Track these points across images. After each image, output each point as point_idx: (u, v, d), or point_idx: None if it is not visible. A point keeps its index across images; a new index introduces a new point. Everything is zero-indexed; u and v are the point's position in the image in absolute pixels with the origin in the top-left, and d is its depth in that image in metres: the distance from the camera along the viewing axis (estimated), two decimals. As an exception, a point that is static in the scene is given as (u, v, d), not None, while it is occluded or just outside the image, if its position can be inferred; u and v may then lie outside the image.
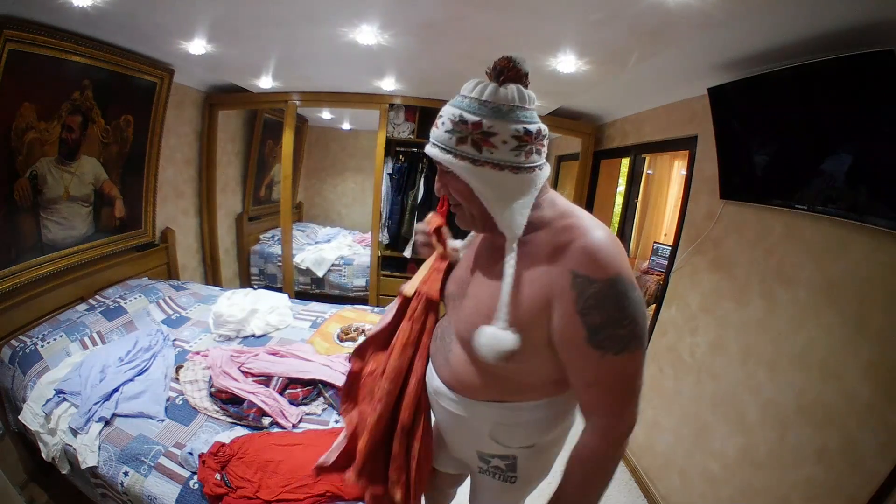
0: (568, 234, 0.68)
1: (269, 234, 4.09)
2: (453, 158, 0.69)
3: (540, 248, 0.70)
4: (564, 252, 0.66)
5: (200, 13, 1.61)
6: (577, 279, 0.64)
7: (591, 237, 0.65)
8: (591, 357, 0.65)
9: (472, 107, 0.69)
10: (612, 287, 0.63)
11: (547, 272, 0.67)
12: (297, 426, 1.52)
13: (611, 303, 0.63)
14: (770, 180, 1.47)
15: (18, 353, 1.66)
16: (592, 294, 0.63)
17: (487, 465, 0.90)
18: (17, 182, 1.72)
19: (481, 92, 0.70)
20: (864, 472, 1.10)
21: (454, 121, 0.69)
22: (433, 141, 0.73)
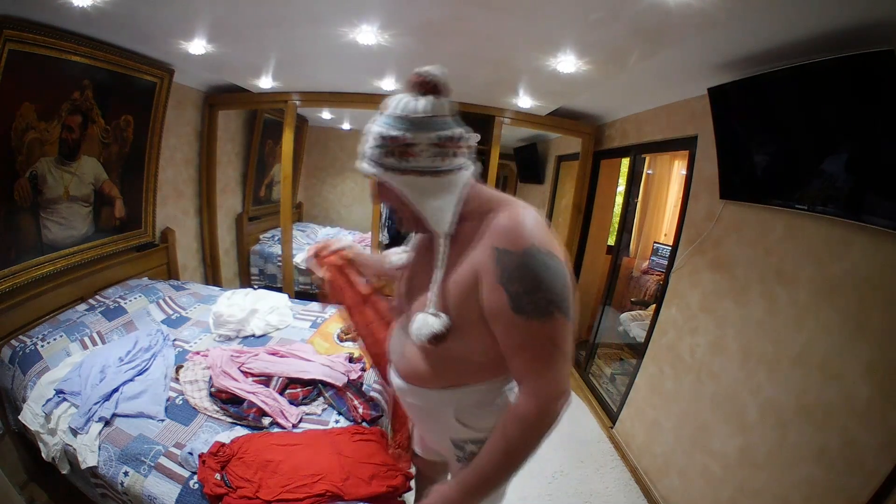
0: (490, 219, 0.75)
1: (269, 234, 4.09)
2: (382, 171, 0.77)
3: (468, 235, 0.77)
4: (491, 231, 0.73)
5: (200, 13, 1.61)
6: (498, 252, 0.71)
7: (509, 215, 0.73)
8: (516, 322, 0.70)
9: (391, 123, 0.76)
10: (529, 256, 0.69)
11: (475, 253, 0.75)
12: (297, 426, 1.52)
13: (529, 271, 0.69)
14: (770, 180, 1.47)
15: (18, 353, 1.66)
16: (511, 264, 0.69)
17: (464, 452, 0.93)
18: (17, 182, 1.72)
19: (399, 108, 0.76)
20: (864, 472, 1.10)
21: (378, 137, 0.76)
22: (364, 157, 0.80)
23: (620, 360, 3.21)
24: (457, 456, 0.94)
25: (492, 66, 2.02)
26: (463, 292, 0.76)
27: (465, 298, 0.75)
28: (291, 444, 1.36)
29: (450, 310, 0.77)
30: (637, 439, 2.22)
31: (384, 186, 0.80)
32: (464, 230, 0.79)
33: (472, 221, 0.78)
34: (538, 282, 0.69)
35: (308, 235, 4.35)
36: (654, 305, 2.31)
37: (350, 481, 1.23)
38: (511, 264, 0.69)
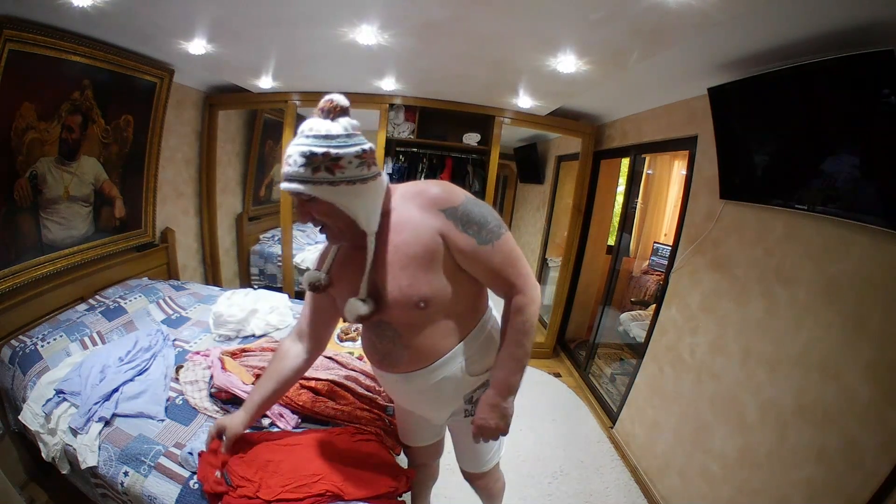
0: (418, 197, 0.91)
1: (269, 234, 4.09)
2: (312, 186, 0.83)
3: (404, 218, 0.90)
4: (426, 206, 0.90)
5: (200, 13, 1.61)
6: (447, 211, 0.89)
7: (430, 188, 0.92)
8: (487, 251, 0.90)
9: (316, 143, 0.82)
10: (467, 205, 0.90)
11: (427, 225, 0.88)
12: (297, 427, 1.52)
13: (473, 213, 0.89)
14: (770, 180, 1.47)
15: (18, 353, 1.66)
16: (461, 214, 0.89)
17: (472, 403, 1.09)
18: (17, 182, 1.72)
19: (321, 130, 0.83)
20: (864, 472, 1.10)
21: (305, 156, 0.82)
22: (288, 177, 0.84)
23: (620, 360, 3.21)
24: (465, 410, 1.10)
25: (492, 66, 2.02)
26: (427, 259, 0.89)
27: (432, 262, 0.89)
28: (292, 445, 1.36)
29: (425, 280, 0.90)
30: (637, 439, 2.22)
31: (314, 202, 0.85)
32: (389, 222, 0.91)
33: (396, 211, 0.92)
34: (483, 217, 0.90)
35: (308, 235, 4.35)
36: (654, 305, 2.31)
37: (350, 481, 1.23)
38: (461, 215, 0.88)
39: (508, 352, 0.97)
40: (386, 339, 1.00)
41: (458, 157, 3.38)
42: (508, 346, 0.97)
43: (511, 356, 0.97)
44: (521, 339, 0.96)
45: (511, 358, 0.97)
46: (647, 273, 3.55)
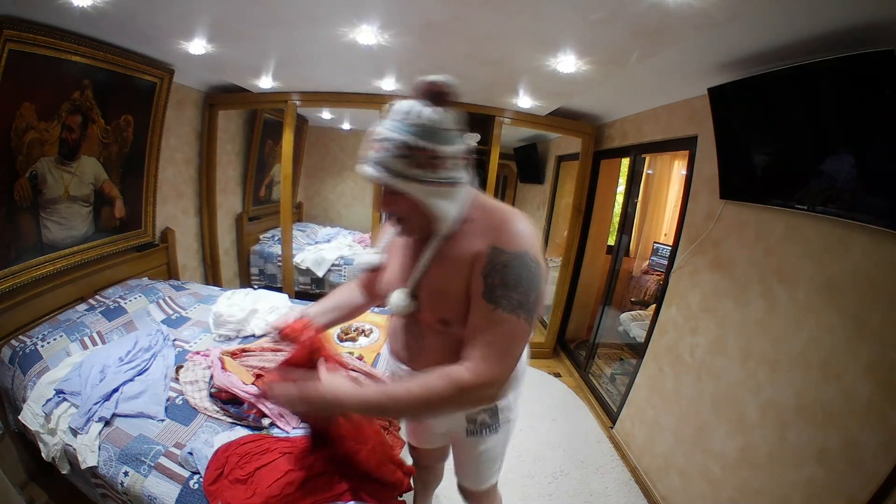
0: (488, 222, 0.82)
1: (269, 234, 4.09)
2: (404, 181, 0.77)
3: (470, 233, 0.83)
4: (486, 233, 0.81)
5: (200, 13, 1.61)
6: (492, 250, 0.78)
7: (509, 221, 0.81)
8: (484, 308, 0.77)
9: (416, 133, 0.76)
10: (517, 258, 0.77)
11: (475, 247, 0.80)
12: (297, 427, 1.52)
13: (511, 270, 0.76)
14: (770, 180, 1.47)
15: (18, 353, 1.66)
16: (499, 261, 0.77)
17: (475, 424, 1.03)
18: (17, 182, 1.72)
19: (423, 118, 0.76)
20: (864, 472, 1.10)
21: (404, 146, 0.76)
22: (378, 165, 0.78)
23: (620, 360, 3.21)
24: (467, 429, 1.04)
25: (492, 66, 2.02)
26: (461, 283, 0.82)
27: (464, 288, 0.81)
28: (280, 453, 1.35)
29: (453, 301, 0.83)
30: (637, 439, 2.22)
31: (399, 196, 0.80)
32: (463, 229, 0.84)
33: (469, 223, 0.84)
34: (517, 282, 0.76)
35: (308, 235, 4.35)
36: (654, 305, 2.31)
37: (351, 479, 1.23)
38: (499, 261, 0.77)
39: (395, 387, 0.82)
40: (411, 333, 0.98)
41: (458, 157, 3.38)
42: (402, 385, 0.81)
43: (389, 391, 0.80)
44: (409, 396, 0.78)
45: (385, 391, 0.80)
46: (647, 273, 3.55)
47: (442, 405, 0.78)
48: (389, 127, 0.78)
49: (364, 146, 0.82)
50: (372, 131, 0.81)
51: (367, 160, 0.80)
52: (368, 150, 0.80)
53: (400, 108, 0.78)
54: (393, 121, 0.78)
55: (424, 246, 0.88)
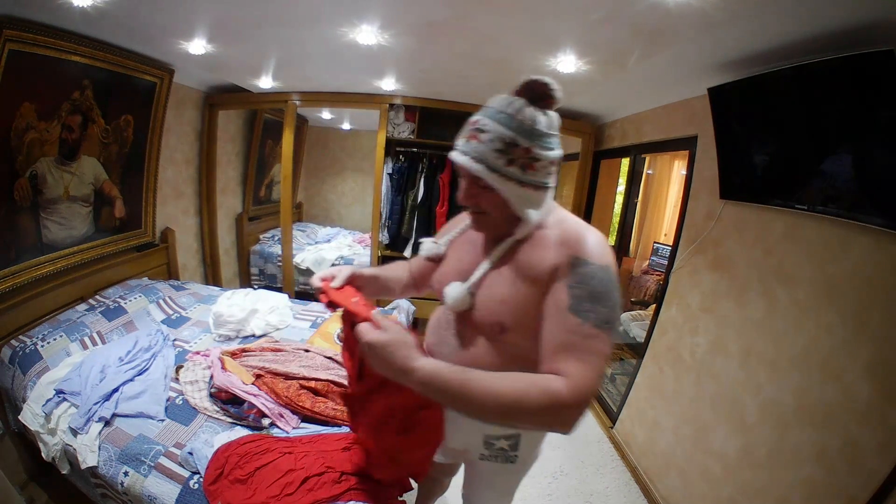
0: (568, 232, 0.79)
1: (269, 234, 4.09)
2: (499, 178, 0.76)
3: (544, 241, 0.80)
4: (570, 242, 0.77)
5: (200, 13, 1.61)
6: (575, 260, 0.74)
7: (590, 234, 0.79)
8: (570, 322, 0.71)
9: (522, 130, 0.74)
10: (603, 271, 0.74)
11: (553, 257, 0.76)
12: (297, 427, 1.52)
13: (599, 283, 0.73)
14: (770, 180, 1.47)
15: (18, 353, 1.66)
16: (585, 272, 0.73)
17: (491, 448, 0.96)
18: (17, 182, 1.72)
19: (527, 117, 0.75)
20: (864, 472, 1.10)
21: (506, 142, 0.74)
22: (475, 156, 0.76)
23: (620, 360, 3.21)
24: (482, 454, 0.97)
25: (492, 66, 2.02)
26: (530, 291, 0.77)
27: (531, 297, 0.77)
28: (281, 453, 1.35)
29: (515, 307, 0.79)
30: (637, 439, 2.22)
31: (489, 190, 0.78)
32: (539, 235, 0.82)
33: (545, 230, 0.82)
34: (604, 296, 0.72)
35: (308, 235, 4.35)
36: (654, 305, 2.31)
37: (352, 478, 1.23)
38: (584, 272, 0.73)
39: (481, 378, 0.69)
40: (456, 331, 0.91)
41: (458, 157, 3.38)
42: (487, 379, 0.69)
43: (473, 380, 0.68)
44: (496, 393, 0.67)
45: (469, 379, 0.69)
46: (647, 273, 3.55)
47: (527, 417, 0.68)
48: (491, 118, 0.76)
49: (462, 131, 0.81)
50: (472, 119, 0.79)
51: (463, 149, 0.78)
52: (464, 137, 0.79)
53: (503, 101, 0.76)
54: (495, 112, 0.76)
55: (493, 245, 0.86)
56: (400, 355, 0.70)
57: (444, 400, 0.70)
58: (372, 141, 3.25)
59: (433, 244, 1.02)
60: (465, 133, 0.80)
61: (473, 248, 0.93)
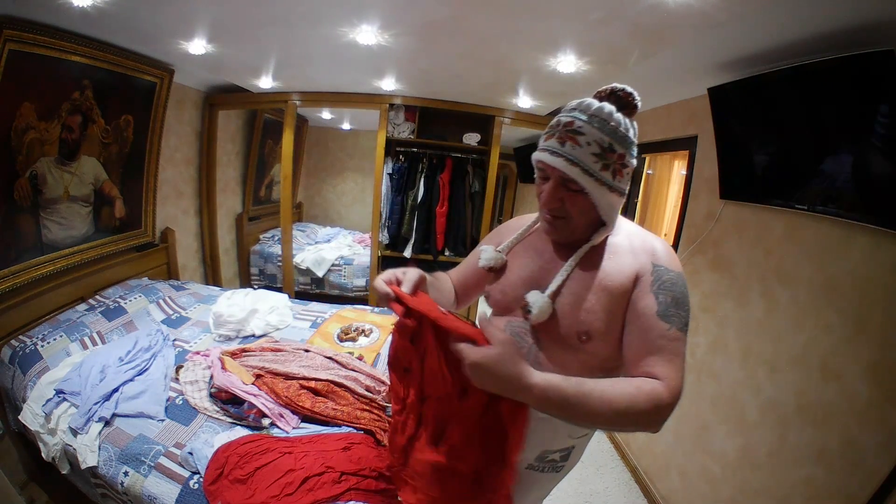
0: (640, 239, 0.83)
1: (269, 234, 4.09)
2: (593, 181, 0.75)
3: (618, 248, 0.82)
4: (645, 250, 0.80)
5: (200, 13, 1.61)
6: (657, 268, 0.78)
7: (660, 241, 0.83)
8: (660, 328, 0.74)
9: (617, 137, 0.75)
10: (681, 278, 0.78)
11: (631, 264, 0.79)
12: (297, 427, 1.52)
13: (679, 289, 0.77)
14: (770, 180, 1.47)
15: (18, 353, 1.66)
16: (668, 279, 0.77)
17: (542, 461, 0.92)
18: (17, 182, 1.72)
19: (621, 125, 0.76)
20: (864, 472, 1.10)
21: (604, 147, 0.74)
22: (571, 158, 0.75)
23: (620, 360, 3.21)
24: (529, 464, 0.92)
25: (492, 66, 2.02)
26: (615, 298, 0.78)
27: (617, 304, 0.78)
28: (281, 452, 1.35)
29: (600, 314, 0.78)
30: (637, 439, 2.22)
31: (579, 194, 0.77)
32: (608, 244, 0.83)
33: (614, 238, 0.84)
34: (683, 301, 0.77)
35: (308, 235, 4.35)
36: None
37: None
38: (667, 279, 0.77)
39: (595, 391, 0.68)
40: (527, 342, 0.85)
41: (458, 157, 3.38)
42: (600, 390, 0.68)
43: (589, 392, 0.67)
44: (610, 412, 0.67)
45: (585, 392, 0.67)
46: (647, 273, 3.54)
47: (633, 421, 0.70)
48: (586, 121, 0.75)
49: (551, 132, 0.79)
50: (564, 120, 0.78)
51: (558, 150, 0.76)
52: (557, 138, 0.77)
53: (598, 106, 0.76)
54: (589, 116, 0.75)
55: (565, 252, 0.84)
56: (515, 371, 0.66)
57: (560, 413, 0.69)
58: (372, 141, 3.25)
59: (496, 252, 0.95)
60: (556, 134, 0.78)
61: (539, 256, 0.90)
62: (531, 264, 0.90)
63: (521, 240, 0.96)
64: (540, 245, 0.91)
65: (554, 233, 0.86)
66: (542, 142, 0.81)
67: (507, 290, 0.90)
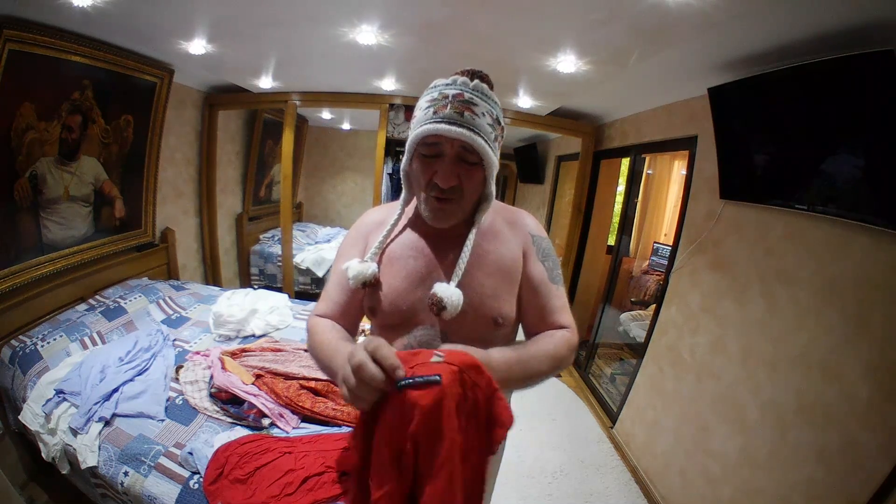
0: (509, 214, 0.89)
1: (269, 234, 4.09)
2: (491, 153, 0.74)
3: (496, 226, 0.86)
4: (518, 224, 0.88)
5: (200, 13, 1.61)
6: (534, 238, 0.87)
7: (526, 213, 0.92)
8: (554, 290, 0.86)
9: (499, 110, 0.76)
10: (548, 241, 0.90)
11: (516, 241, 0.85)
12: (297, 427, 1.52)
13: (552, 251, 0.89)
14: (770, 180, 1.47)
15: (18, 353, 1.66)
16: (545, 247, 0.88)
17: None
18: (17, 182, 1.72)
19: (494, 97, 0.76)
20: (864, 472, 1.10)
21: (494, 117, 0.74)
22: (474, 128, 0.71)
23: (620, 360, 3.21)
24: None
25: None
26: (511, 275, 0.83)
27: (513, 280, 0.83)
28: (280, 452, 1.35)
29: (506, 298, 0.82)
30: (637, 439, 2.22)
31: (478, 168, 0.74)
32: (487, 223, 0.85)
33: (486, 218, 0.84)
34: (555, 259, 0.88)
35: (308, 235, 4.35)
36: (654, 305, 2.31)
37: None
38: (544, 247, 0.87)
39: (526, 353, 0.76)
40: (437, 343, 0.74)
41: (458, 157, 3.37)
42: (531, 351, 0.77)
43: (526, 357, 0.75)
44: (542, 361, 0.76)
45: (524, 357, 0.74)
46: (647, 273, 3.55)
47: (559, 368, 0.81)
48: (474, 94, 0.72)
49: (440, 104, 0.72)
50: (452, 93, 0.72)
51: (458, 120, 0.70)
52: (453, 109, 0.70)
53: (475, 82, 0.73)
54: (472, 89, 0.72)
55: (446, 241, 0.80)
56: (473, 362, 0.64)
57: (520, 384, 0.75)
58: (372, 141, 3.25)
59: (362, 264, 0.79)
60: (449, 105, 0.71)
61: (418, 252, 0.82)
62: (414, 263, 0.81)
63: (386, 241, 0.84)
64: (412, 239, 0.84)
65: (443, 217, 0.77)
66: (429, 115, 0.72)
67: (397, 301, 0.79)
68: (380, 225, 0.87)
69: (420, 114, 0.75)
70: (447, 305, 0.72)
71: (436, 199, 0.75)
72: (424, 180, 0.76)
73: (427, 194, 0.76)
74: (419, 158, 0.77)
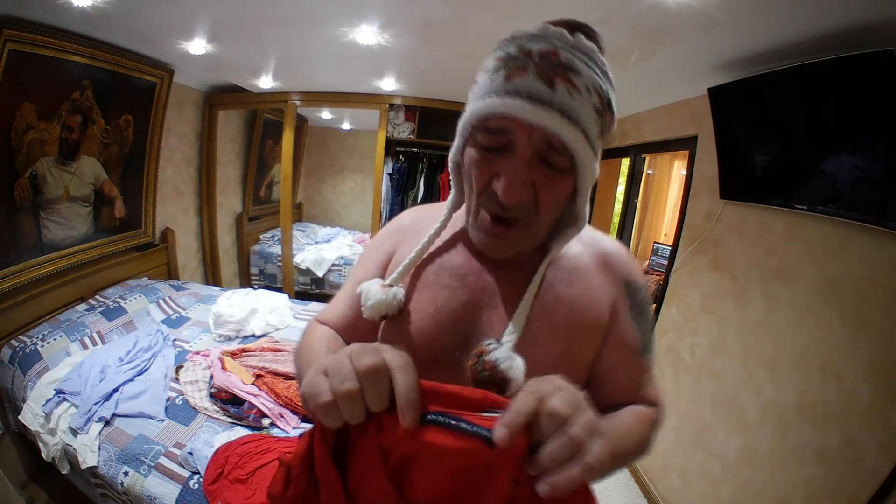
0: (602, 245, 0.60)
1: (269, 234, 4.09)
2: (592, 155, 0.48)
3: (580, 261, 0.58)
4: (613, 264, 0.58)
5: (200, 13, 1.61)
6: (630, 286, 0.58)
7: (621, 246, 0.62)
8: (645, 361, 0.61)
9: (608, 87, 0.49)
10: (645, 289, 0.60)
11: (604, 289, 0.57)
12: (297, 427, 1.52)
13: (649, 306, 0.59)
14: (770, 180, 1.47)
15: (18, 353, 1.66)
16: (643, 299, 0.59)
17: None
18: (17, 182, 1.72)
19: (608, 67, 0.49)
20: (864, 472, 1.10)
21: (604, 100, 0.48)
22: (569, 113, 0.45)
23: (620, 360, 3.21)
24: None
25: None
26: (593, 334, 0.56)
27: (594, 340, 0.56)
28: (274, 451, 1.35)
29: (577, 366, 0.57)
30: (637, 439, 2.22)
31: (559, 177, 0.48)
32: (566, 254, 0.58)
33: (568, 251, 0.58)
34: (651, 316, 0.61)
35: (308, 235, 4.35)
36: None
37: None
38: (642, 300, 0.59)
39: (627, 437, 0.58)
40: None
41: (458, 157, 3.38)
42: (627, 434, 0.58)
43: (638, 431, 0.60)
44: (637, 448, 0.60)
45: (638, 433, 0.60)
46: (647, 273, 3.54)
47: (642, 455, 0.64)
48: (578, 52, 0.46)
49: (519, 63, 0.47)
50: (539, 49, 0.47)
51: (547, 97, 0.44)
52: (539, 76, 0.45)
53: (574, 35, 0.48)
54: (574, 46, 0.46)
55: (505, 270, 0.56)
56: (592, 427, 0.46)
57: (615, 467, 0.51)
58: (372, 141, 3.25)
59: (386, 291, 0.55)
60: (533, 68, 0.45)
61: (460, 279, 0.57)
62: (450, 295, 0.56)
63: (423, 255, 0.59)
64: (455, 260, 0.58)
65: (499, 248, 0.52)
66: (498, 81, 0.47)
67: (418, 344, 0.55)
68: (419, 231, 0.62)
69: (484, 78, 0.49)
70: (508, 374, 0.46)
71: (492, 219, 0.50)
72: (479, 185, 0.50)
73: (479, 206, 0.51)
74: (475, 148, 0.50)
